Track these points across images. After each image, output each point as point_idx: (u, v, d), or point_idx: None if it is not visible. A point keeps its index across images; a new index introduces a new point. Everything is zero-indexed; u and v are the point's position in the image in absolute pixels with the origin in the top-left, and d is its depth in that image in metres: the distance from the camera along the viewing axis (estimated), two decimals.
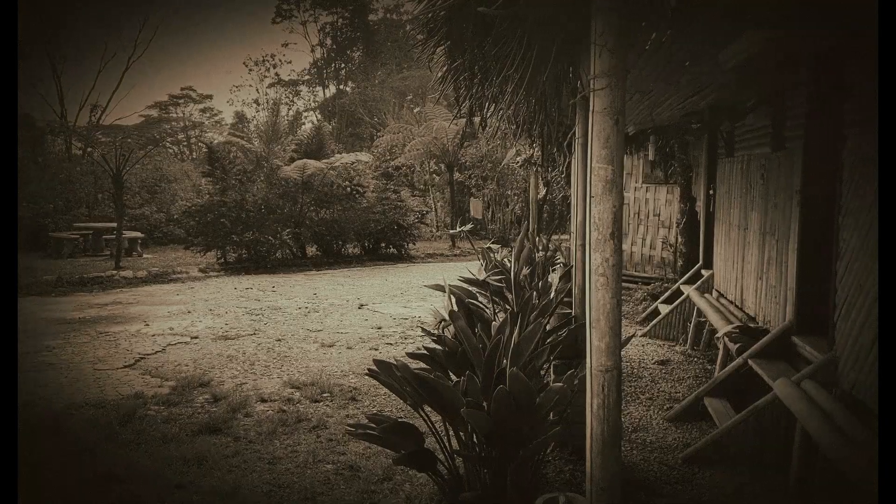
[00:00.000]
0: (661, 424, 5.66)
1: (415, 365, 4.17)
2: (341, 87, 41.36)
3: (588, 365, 1.95)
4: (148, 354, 8.28)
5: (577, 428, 3.82)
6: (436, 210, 25.83)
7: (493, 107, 2.99)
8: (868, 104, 4.18)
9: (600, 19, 1.84)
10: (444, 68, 2.82)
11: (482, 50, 2.43)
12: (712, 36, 3.16)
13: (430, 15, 2.50)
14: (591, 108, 1.93)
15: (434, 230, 24.91)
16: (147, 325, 10.07)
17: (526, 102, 3.08)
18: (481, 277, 5.53)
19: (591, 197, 1.95)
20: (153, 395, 6.50)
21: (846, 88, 4.48)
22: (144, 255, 18.87)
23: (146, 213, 22.62)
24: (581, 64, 2.43)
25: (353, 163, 19.17)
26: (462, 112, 3.19)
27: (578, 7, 2.00)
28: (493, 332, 3.88)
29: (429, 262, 18.79)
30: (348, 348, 8.57)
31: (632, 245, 11.88)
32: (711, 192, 8.81)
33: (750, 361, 5.53)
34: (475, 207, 24.35)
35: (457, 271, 6.91)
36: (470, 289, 5.83)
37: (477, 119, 3.36)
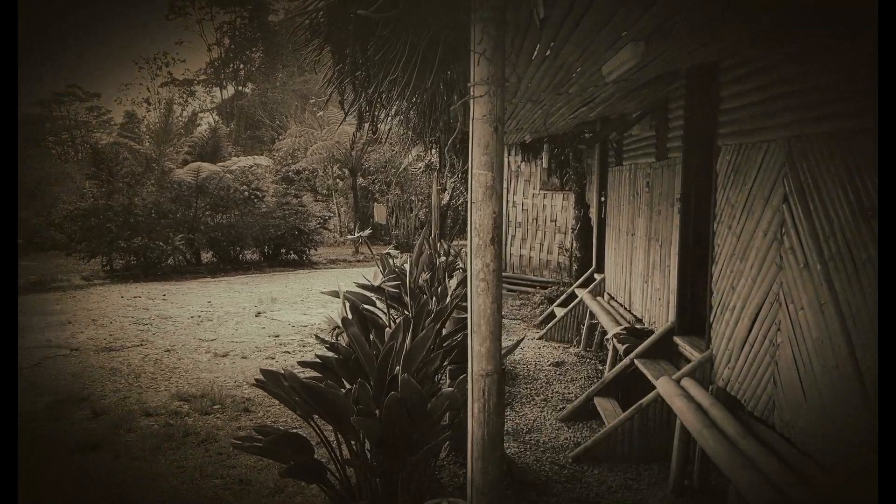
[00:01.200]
0: (555, 425, 5.80)
1: (308, 374, 4.08)
2: (240, 88, 40.17)
3: (469, 370, 1.97)
4: (22, 368, 7.70)
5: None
6: (339, 215, 25.53)
7: (382, 112, 2.98)
8: (740, 118, 4.47)
9: (479, 28, 1.86)
10: (330, 72, 2.79)
11: (365, 54, 2.41)
12: (595, 48, 3.29)
13: (309, 16, 2.46)
14: (471, 115, 1.95)
15: (338, 235, 24.61)
16: (21, 337, 9.37)
17: (416, 108, 3.09)
18: (377, 283, 5.50)
19: (471, 203, 1.97)
20: (25, 412, 6.04)
21: (721, 102, 4.77)
22: (21, 263, 17.58)
23: (24, 217, 21.09)
24: (466, 71, 2.46)
25: (252, 166, 18.65)
26: (350, 117, 3.17)
27: (458, 16, 2.03)
28: (386, 339, 3.85)
29: (331, 267, 18.53)
30: (243, 358, 8.29)
31: (530, 250, 12.17)
32: (603, 199, 9.15)
33: (636, 361, 5.77)
34: (379, 212, 24.25)
35: (358, 277, 6.85)
36: (369, 295, 5.78)
37: (368, 124, 3.35)
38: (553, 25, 2.61)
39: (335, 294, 5.14)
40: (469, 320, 1.97)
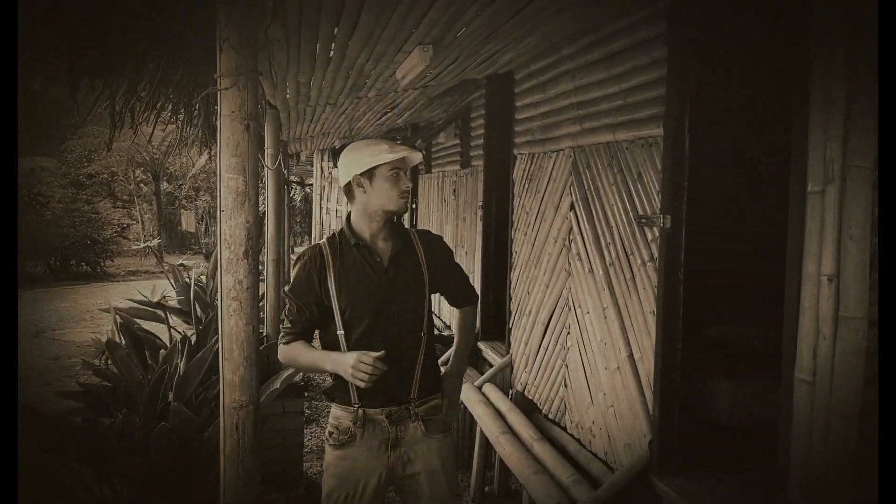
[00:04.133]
0: None
1: (71, 405, 3.55)
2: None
3: (221, 402, 1.72)
4: None
5: (266, 454, 3.57)
6: (143, 223, 23.56)
7: (143, 109, 2.64)
8: (532, 128, 4.59)
9: (223, 12, 1.63)
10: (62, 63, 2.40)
11: (106, 40, 2.08)
12: (382, 50, 3.16)
13: None
14: (219, 110, 1.71)
15: (140, 244, 22.67)
16: None
17: (177, 103, 2.78)
18: (156, 298, 4.98)
19: (220, 211, 1.72)
20: None
21: (516, 111, 4.88)
22: None
23: None
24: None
25: (33, 169, 16.60)
26: (97, 112, 2.77)
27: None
28: (161, 361, 3.45)
29: (131, 280, 16.96)
30: None
31: None
32: (414, 206, 9.18)
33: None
34: (187, 220, 22.70)
35: (161, 289, 6.21)
36: (155, 311, 5.23)
37: (124, 124, 2.97)
38: (328, 20, 2.43)
39: (106, 310, 4.56)
40: (220, 346, 1.72)
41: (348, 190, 2.28)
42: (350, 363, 2.08)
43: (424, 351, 2.36)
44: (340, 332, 2.22)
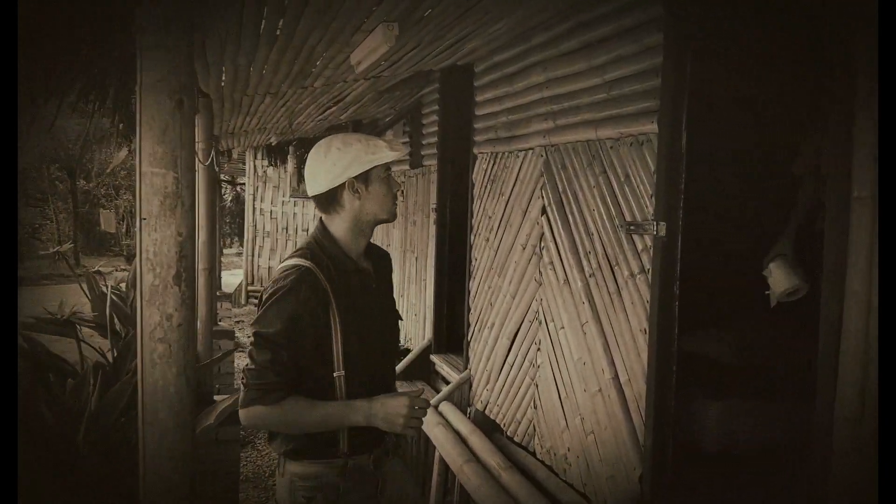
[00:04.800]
0: None
1: None
2: None
3: (140, 486, 1.25)
4: None
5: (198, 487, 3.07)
6: (57, 223, 22.05)
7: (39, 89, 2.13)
8: (495, 125, 4.22)
9: None
10: None
11: None
12: (338, 27, 2.72)
13: None
14: (139, 81, 1.25)
15: (57, 246, 21.19)
16: None
17: (87, 84, 2.26)
18: (74, 310, 4.35)
19: (141, 219, 1.26)
20: None
21: (476, 107, 4.50)
22: None
23: None
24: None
25: None
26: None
27: None
28: (68, 393, 2.89)
29: (44, 284, 15.75)
30: None
31: (280, 261, 11.32)
32: None
33: None
34: (106, 220, 21.35)
35: (79, 295, 5.50)
36: (63, 328, 4.58)
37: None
38: None
39: None
40: (140, 404, 1.25)
41: (333, 197, 1.80)
42: (403, 411, 1.69)
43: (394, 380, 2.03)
44: (339, 373, 1.76)
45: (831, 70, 2.34)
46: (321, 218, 1.87)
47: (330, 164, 1.76)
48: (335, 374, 1.76)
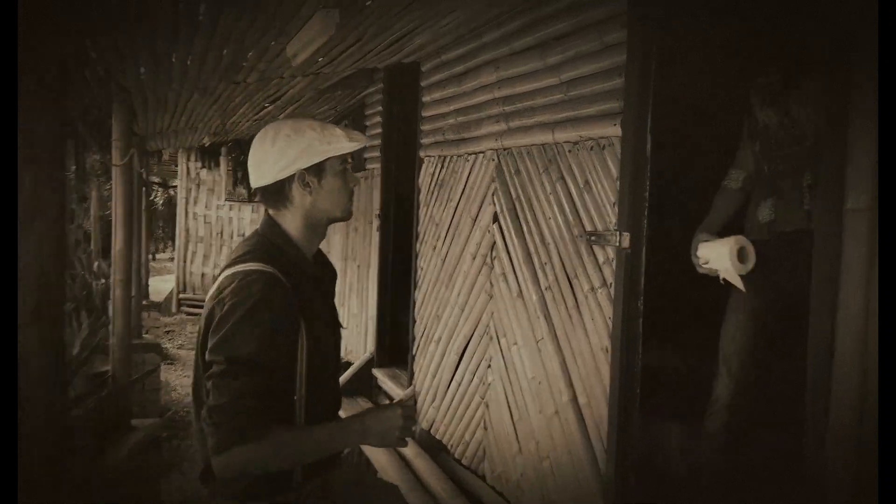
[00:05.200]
0: None
1: None
2: None
3: None
4: None
5: None
6: None
7: None
8: (443, 127, 3.98)
9: None
10: None
11: None
12: (270, 12, 2.42)
13: None
14: None
15: None
16: None
17: None
18: None
19: None
20: None
21: (423, 108, 4.25)
22: None
23: None
24: None
25: None
26: None
27: None
28: None
29: None
30: None
31: (214, 268, 10.79)
32: None
33: None
34: None
35: None
36: None
37: None
38: None
39: None
40: None
41: (280, 191, 1.58)
42: (398, 423, 1.50)
43: None
44: (300, 395, 1.52)
45: (814, 70, 2.18)
46: (268, 214, 1.63)
47: (277, 153, 1.53)
48: (295, 398, 1.51)
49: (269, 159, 1.54)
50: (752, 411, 2.46)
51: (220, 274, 1.54)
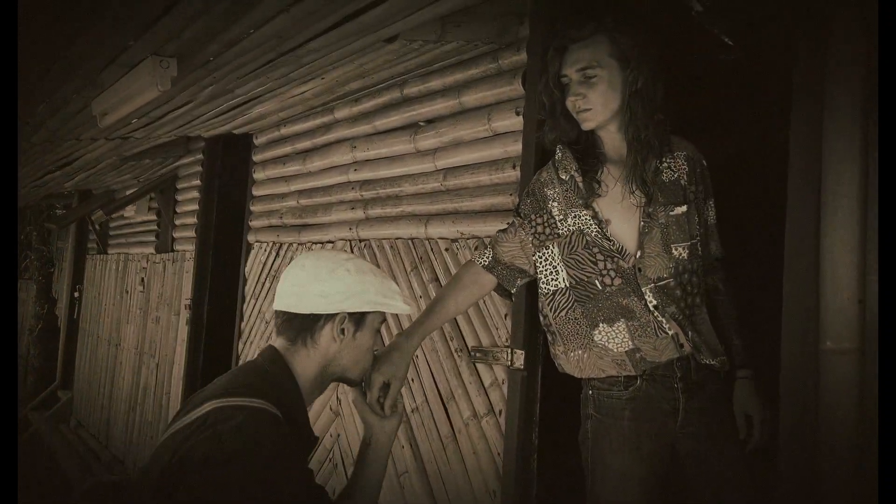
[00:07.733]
0: None
1: None
2: None
3: None
4: None
5: None
6: None
7: None
8: (281, 209, 3.43)
9: None
10: None
11: None
12: (86, 54, 1.79)
13: None
14: None
15: None
16: None
17: None
18: None
19: None
20: None
21: (256, 186, 3.66)
22: None
23: None
24: None
25: None
26: None
27: None
28: None
29: None
30: None
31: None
32: (77, 294, 7.10)
33: None
34: None
35: None
36: None
37: None
38: None
39: None
40: None
41: (309, 326, 1.39)
42: (388, 423, 1.56)
43: None
44: None
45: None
46: (276, 348, 1.40)
47: (330, 285, 1.37)
48: None
49: (317, 289, 1.37)
50: None
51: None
